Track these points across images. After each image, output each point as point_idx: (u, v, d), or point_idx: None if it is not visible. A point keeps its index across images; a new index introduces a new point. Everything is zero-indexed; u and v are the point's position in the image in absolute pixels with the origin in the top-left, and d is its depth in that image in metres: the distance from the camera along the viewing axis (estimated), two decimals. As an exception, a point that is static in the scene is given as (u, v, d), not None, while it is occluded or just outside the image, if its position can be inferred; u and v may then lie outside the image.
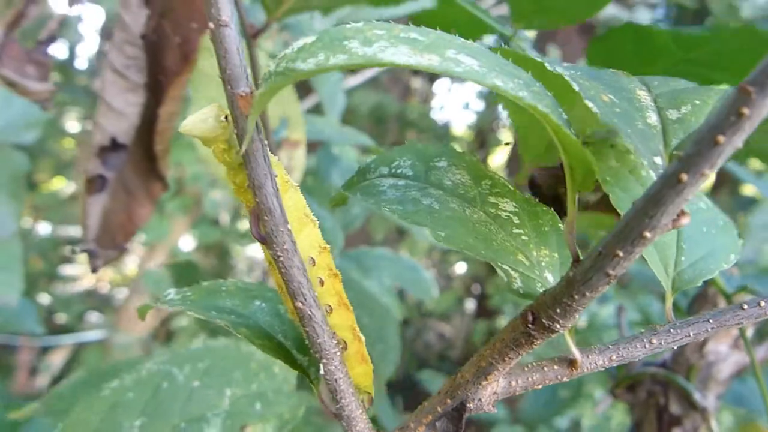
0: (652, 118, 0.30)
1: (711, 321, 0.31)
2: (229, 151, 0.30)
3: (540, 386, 0.34)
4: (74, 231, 3.65)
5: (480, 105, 5.15)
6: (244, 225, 3.13)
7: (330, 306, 0.35)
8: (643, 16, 3.17)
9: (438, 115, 5.38)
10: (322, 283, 0.34)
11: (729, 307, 0.31)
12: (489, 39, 0.76)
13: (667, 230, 0.24)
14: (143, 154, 0.54)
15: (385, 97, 3.90)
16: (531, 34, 0.74)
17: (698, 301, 0.85)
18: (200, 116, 0.29)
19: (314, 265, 0.34)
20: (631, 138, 0.28)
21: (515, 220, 0.35)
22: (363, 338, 0.36)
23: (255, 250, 3.57)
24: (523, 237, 0.34)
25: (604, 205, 0.48)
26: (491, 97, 4.96)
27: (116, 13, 0.50)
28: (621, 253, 0.25)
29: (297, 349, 0.36)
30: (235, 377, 0.49)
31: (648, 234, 0.24)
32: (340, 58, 0.24)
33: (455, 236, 0.32)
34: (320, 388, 0.36)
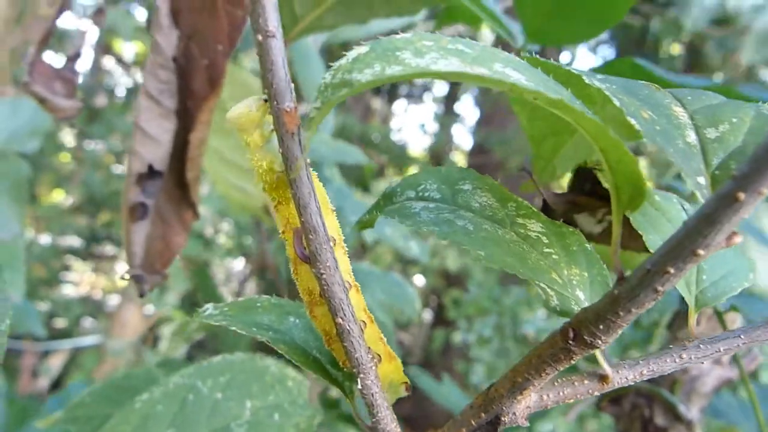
0: (691, 136, 0.29)
1: (742, 337, 0.30)
2: (261, 147, 0.30)
3: (571, 400, 0.33)
4: (72, 241, 3.61)
5: (434, 127, 5.15)
6: (223, 238, 3.11)
7: (364, 321, 0.34)
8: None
9: (396, 136, 5.36)
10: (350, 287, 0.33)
11: (761, 323, 0.30)
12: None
13: (721, 248, 0.23)
14: (175, 181, 0.52)
15: (348, 117, 3.88)
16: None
17: (680, 317, 0.84)
18: (243, 102, 0.29)
19: (335, 245, 0.32)
20: (674, 157, 0.27)
21: (544, 240, 0.34)
22: (385, 339, 0.36)
23: (232, 263, 3.55)
24: (554, 256, 0.33)
25: (608, 236, 0.46)
26: (445, 119, 4.98)
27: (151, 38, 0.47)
28: (672, 270, 0.24)
29: (330, 364, 0.35)
30: (253, 390, 0.48)
31: (702, 251, 0.23)
32: (395, 69, 0.23)
33: (493, 255, 0.31)
34: (355, 402, 0.35)
